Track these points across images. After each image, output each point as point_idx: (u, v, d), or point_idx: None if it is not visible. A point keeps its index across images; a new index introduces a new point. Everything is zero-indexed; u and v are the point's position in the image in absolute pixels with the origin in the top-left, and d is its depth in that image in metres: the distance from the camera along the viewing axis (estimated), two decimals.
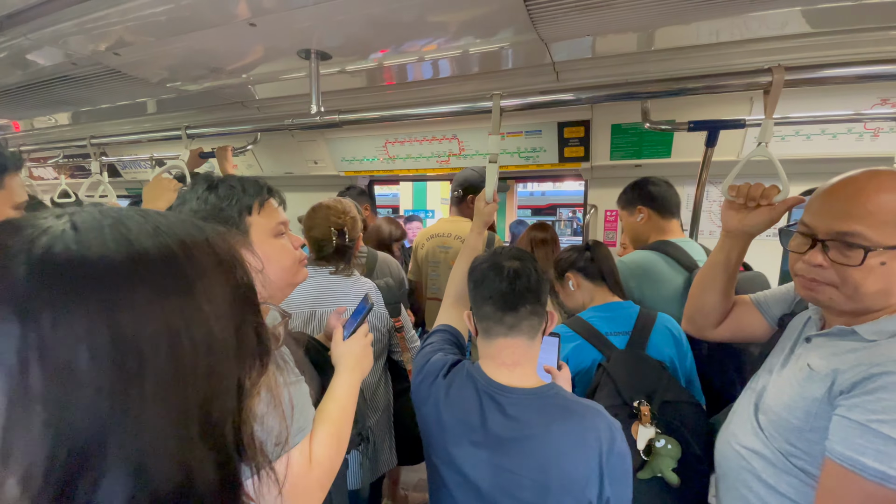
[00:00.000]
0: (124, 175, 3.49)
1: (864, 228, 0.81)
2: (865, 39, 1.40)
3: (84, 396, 0.30)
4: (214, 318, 0.37)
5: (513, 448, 0.94)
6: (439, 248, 2.31)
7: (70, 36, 1.43)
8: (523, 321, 0.99)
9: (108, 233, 0.34)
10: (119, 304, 0.32)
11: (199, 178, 0.94)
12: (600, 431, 0.94)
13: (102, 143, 2.29)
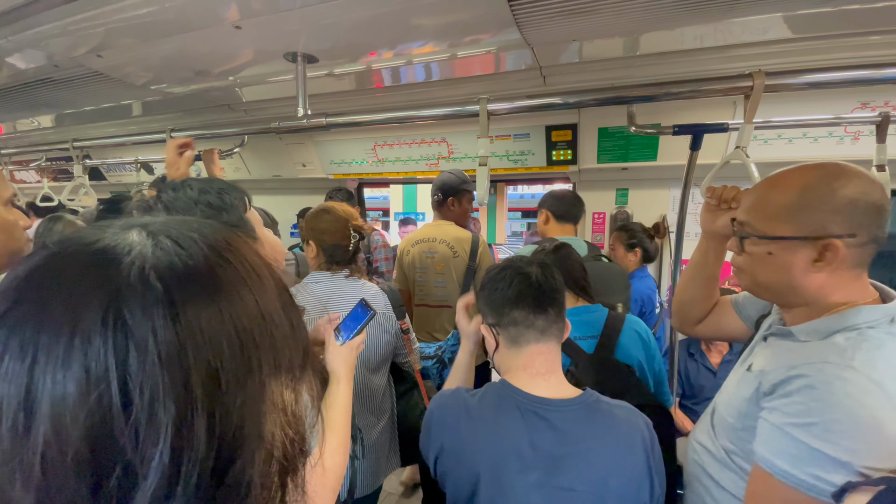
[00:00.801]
0: (108, 178, 3.44)
1: (751, 219, 0.87)
2: (845, 45, 1.43)
3: (228, 387, 0.33)
4: (280, 308, 0.40)
5: (567, 464, 0.89)
6: (425, 253, 2.29)
7: (52, 38, 1.41)
8: (553, 324, 0.97)
9: (202, 244, 0.37)
10: (232, 303, 0.35)
11: (178, 186, 0.93)
12: (643, 431, 0.94)
13: (85, 145, 2.26)
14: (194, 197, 0.91)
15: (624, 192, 2.38)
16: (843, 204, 0.78)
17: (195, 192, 0.92)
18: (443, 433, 0.98)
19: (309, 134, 2.56)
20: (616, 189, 2.39)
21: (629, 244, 2.25)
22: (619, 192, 2.39)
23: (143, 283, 0.33)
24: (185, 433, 0.31)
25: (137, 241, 0.35)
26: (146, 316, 0.31)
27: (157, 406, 0.30)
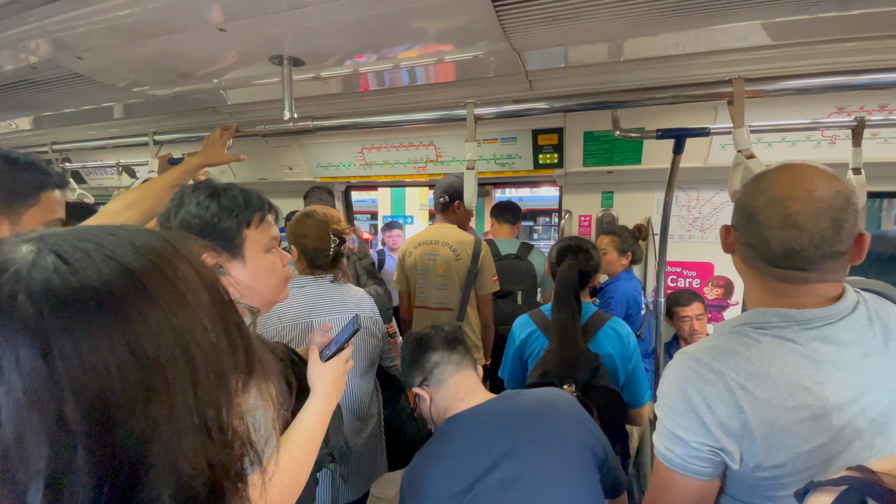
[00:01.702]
0: (89, 182, 3.38)
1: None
2: (822, 51, 1.47)
3: (120, 417, 0.31)
4: (208, 320, 0.38)
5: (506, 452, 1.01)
6: (427, 255, 2.27)
7: (30, 39, 1.38)
8: (465, 357, 1.21)
9: (97, 258, 0.34)
10: (130, 323, 0.33)
11: (201, 185, 0.94)
12: (567, 401, 1.14)
13: (65, 148, 2.21)
14: (201, 198, 0.91)
15: (609, 194, 2.40)
16: (740, 195, 0.86)
17: (204, 195, 0.91)
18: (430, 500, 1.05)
19: (295, 137, 2.54)
20: (602, 192, 2.41)
21: (622, 249, 2.28)
22: (604, 194, 2.41)
23: (10, 307, 0.29)
24: (65, 475, 0.28)
25: (20, 258, 0.32)
26: (10, 345, 0.28)
27: (28, 447, 0.28)
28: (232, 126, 1.65)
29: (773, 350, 0.79)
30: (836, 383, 0.77)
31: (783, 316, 0.81)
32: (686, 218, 2.29)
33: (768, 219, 0.80)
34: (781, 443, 0.77)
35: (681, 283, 2.36)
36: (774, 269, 0.81)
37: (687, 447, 0.80)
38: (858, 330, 0.80)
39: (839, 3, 1.17)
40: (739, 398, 0.77)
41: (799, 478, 0.78)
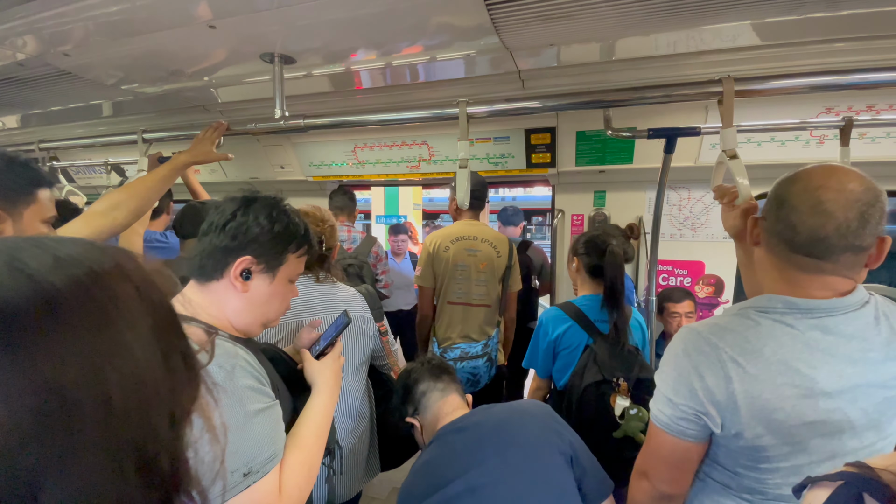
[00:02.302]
0: (78, 181, 3.33)
1: None
2: (811, 52, 1.48)
3: (10, 450, 0.28)
4: (139, 348, 0.35)
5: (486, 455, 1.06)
6: (467, 251, 2.25)
7: (17, 36, 1.36)
8: (449, 384, 1.32)
9: (5, 272, 0.31)
10: (33, 349, 0.29)
11: (274, 199, 1.01)
12: (545, 415, 1.17)
13: (53, 147, 2.18)
14: (266, 210, 0.97)
15: (601, 194, 2.41)
16: (771, 192, 0.91)
17: (271, 205, 0.99)
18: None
19: (287, 135, 2.53)
20: (594, 191, 2.42)
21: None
22: (596, 194, 2.42)
23: None
24: None
25: None
26: None
27: None
28: (222, 124, 1.64)
29: (770, 332, 0.84)
30: (828, 371, 0.81)
31: (787, 303, 0.85)
32: (677, 217, 2.30)
33: (799, 204, 0.83)
34: (764, 415, 0.82)
35: (672, 281, 2.37)
36: (796, 256, 0.85)
37: (675, 409, 0.89)
38: (863, 326, 0.84)
39: (828, 3, 1.19)
40: (730, 370, 0.84)
41: (781, 451, 0.84)
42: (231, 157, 1.67)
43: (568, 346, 1.64)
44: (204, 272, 0.94)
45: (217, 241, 0.93)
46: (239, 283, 0.93)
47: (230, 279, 0.93)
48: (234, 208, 0.95)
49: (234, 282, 0.92)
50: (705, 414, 0.86)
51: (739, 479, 0.91)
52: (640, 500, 1.00)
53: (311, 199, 3.04)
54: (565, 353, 1.65)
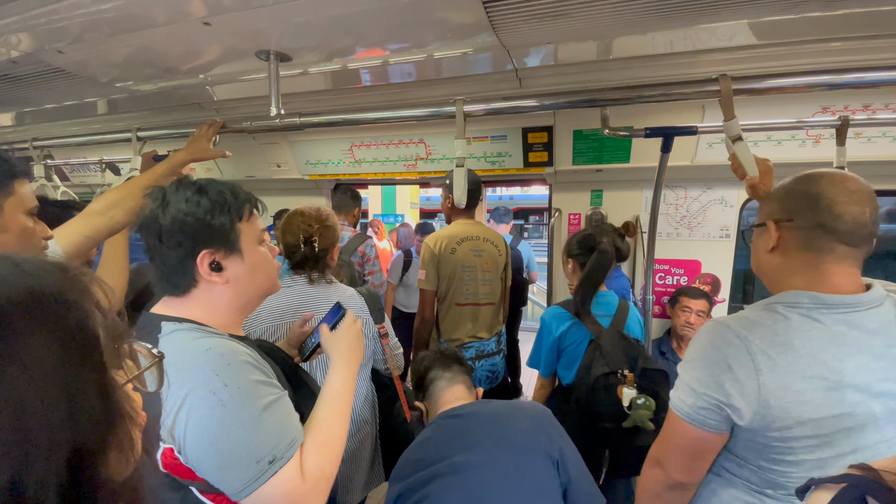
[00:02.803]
0: (72, 179, 3.31)
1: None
2: (807, 51, 1.48)
3: None
4: (27, 380, 0.34)
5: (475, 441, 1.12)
6: (473, 252, 2.25)
7: (10, 33, 1.35)
8: (458, 375, 1.38)
9: None
10: None
11: (183, 182, 0.92)
12: (539, 415, 1.20)
13: (46, 145, 2.17)
14: (188, 194, 0.89)
15: (598, 193, 2.41)
16: (780, 194, 0.96)
17: (192, 190, 0.90)
18: (398, 482, 1.13)
19: (283, 134, 2.52)
20: (591, 190, 2.42)
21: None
22: (593, 193, 2.42)
23: None
24: None
25: None
26: None
27: None
28: (217, 122, 1.63)
29: (800, 326, 0.86)
30: (855, 364, 0.83)
31: (813, 298, 0.88)
32: (674, 216, 2.30)
33: (838, 195, 0.88)
34: (794, 407, 0.83)
35: (669, 280, 2.37)
36: (840, 247, 0.88)
37: (698, 399, 0.90)
38: (885, 322, 0.87)
39: (824, 3, 1.19)
40: (759, 362, 0.85)
41: (807, 444, 0.85)
42: (229, 154, 1.66)
43: (572, 342, 1.70)
44: (178, 288, 0.90)
45: (166, 256, 0.88)
46: (216, 277, 0.89)
47: (206, 280, 0.89)
48: (154, 218, 0.88)
49: (210, 280, 0.89)
50: (729, 406, 0.87)
51: (762, 474, 0.91)
52: (652, 487, 1.02)
53: (308, 197, 3.03)
54: (570, 349, 1.70)
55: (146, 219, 0.89)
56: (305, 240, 1.54)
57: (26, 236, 1.00)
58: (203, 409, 0.76)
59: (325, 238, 1.57)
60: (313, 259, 1.56)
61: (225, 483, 0.77)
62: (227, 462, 0.76)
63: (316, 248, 1.55)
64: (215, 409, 0.76)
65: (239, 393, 0.78)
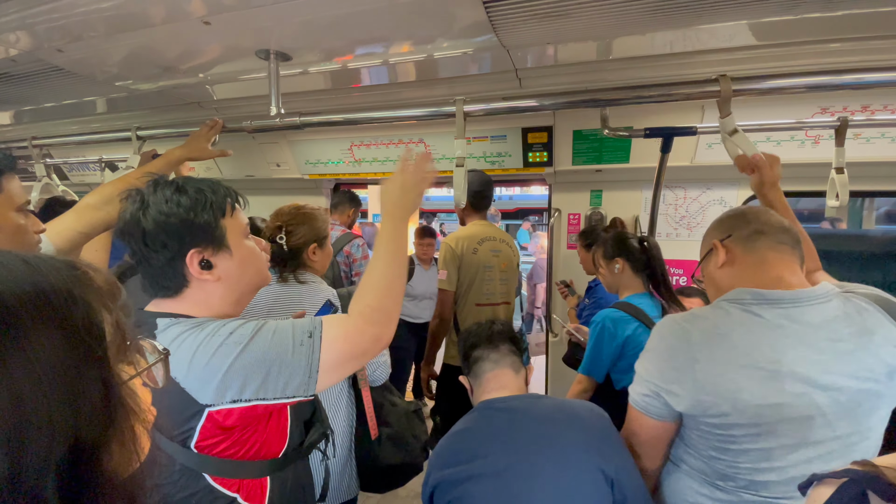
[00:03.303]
0: (71, 178, 3.31)
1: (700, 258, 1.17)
2: (806, 52, 1.49)
3: None
4: (31, 374, 0.34)
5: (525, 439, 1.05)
6: (492, 252, 2.29)
7: (9, 32, 1.34)
8: (505, 357, 1.24)
9: None
10: None
11: (159, 182, 0.90)
12: (596, 419, 1.10)
13: (46, 143, 2.16)
14: (168, 194, 0.87)
15: (598, 193, 2.41)
16: (715, 225, 1.11)
17: (171, 190, 0.88)
18: (438, 469, 1.08)
19: (283, 133, 2.51)
20: (591, 191, 2.42)
21: (586, 245, 2.30)
22: (593, 193, 2.42)
23: None
24: None
25: None
26: None
27: None
28: (218, 122, 1.63)
29: (740, 319, 0.93)
30: (794, 355, 0.88)
31: (755, 294, 0.94)
32: (673, 216, 2.31)
33: (759, 212, 1.05)
34: (730, 394, 0.89)
35: (678, 280, 2.38)
36: (777, 245, 0.99)
37: (643, 386, 1.00)
38: (829, 318, 0.91)
39: (823, 4, 1.19)
40: (697, 352, 0.93)
41: (748, 432, 0.89)
42: (230, 153, 1.66)
43: (637, 346, 1.60)
44: (169, 289, 0.89)
45: (155, 259, 0.86)
46: (207, 275, 0.89)
47: (197, 279, 0.89)
48: (136, 222, 0.87)
49: (202, 278, 0.89)
50: (667, 392, 0.95)
51: (712, 464, 0.95)
52: None
53: (308, 197, 3.03)
54: (633, 353, 1.61)
55: (127, 224, 0.87)
56: (271, 237, 1.51)
57: (19, 234, 0.98)
58: (229, 344, 0.81)
59: (295, 235, 1.53)
60: (284, 256, 1.52)
61: (292, 380, 0.82)
62: (279, 364, 0.81)
63: (284, 245, 1.51)
64: (239, 341, 0.81)
65: (251, 327, 0.84)
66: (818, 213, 3.81)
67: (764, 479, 0.90)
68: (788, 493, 0.89)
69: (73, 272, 0.40)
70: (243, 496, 0.86)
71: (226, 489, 0.85)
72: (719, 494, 0.95)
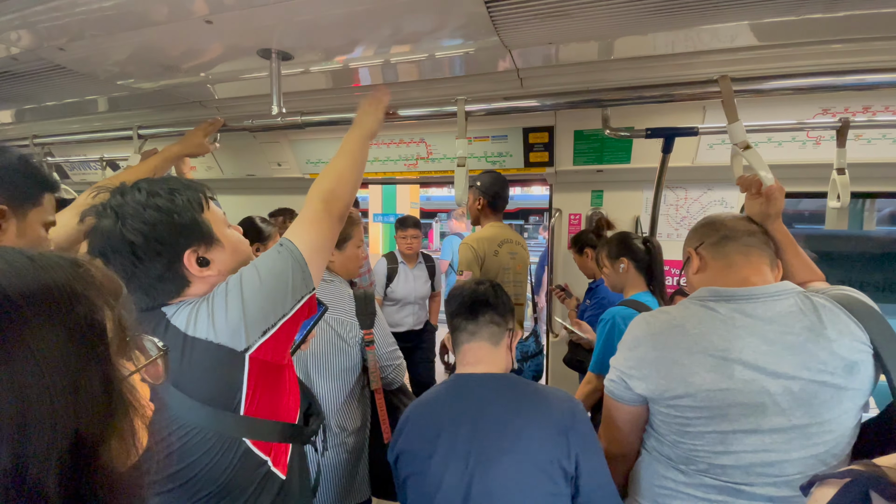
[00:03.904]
0: (72, 177, 3.31)
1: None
2: (808, 52, 1.49)
3: None
4: (35, 368, 0.35)
5: (484, 424, 1.07)
6: (510, 254, 2.33)
7: (11, 30, 1.35)
8: (482, 328, 1.19)
9: None
10: None
11: (126, 191, 0.89)
12: (565, 411, 1.08)
13: (47, 142, 2.17)
14: (142, 200, 0.87)
15: (599, 193, 2.41)
16: (689, 235, 1.19)
17: (143, 196, 0.88)
18: (405, 437, 1.12)
19: (284, 132, 2.51)
20: (591, 191, 2.42)
21: (578, 250, 2.34)
22: (594, 193, 2.42)
23: None
24: None
25: None
26: None
27: None
28: (218, 120, 1.63)
29: (695, 312, 1.03)
30: (742, 344, 0.95)
31: (712, 291, 1.04)
32: (674, 217, 2.31)
33: (725, 219, 1.14)
34: (682, 378, 0.98)
35: (668, 281, 2.38)
36: (744, 248, 1.07)
37: (612, 373, 1.11)
38: (783, 313, 0.97)
39: (825, 4, 1.19)
40: (656, 339, 1.04)
41: (700, 414, 0.97)
42: (217, 146, 1.66)
43: None
44: (172, 292, 0.90)
45: (153, 270, 0.86)
46: (206, 271, 0.90)
47: (198, 277, 0.90)
48: (119, 237, 0.84)
49: (202, 275, 0.90)
50: (628, 376, 1.06)
51: (676, 449, 1.03)
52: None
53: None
54: None
55: (109, 241, 0.84)
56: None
57: (37, 246, 1.03)
58: (231, 290, 0.86)
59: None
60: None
61: (293, 280, 0.90)
62: (274, 275, 0.89)
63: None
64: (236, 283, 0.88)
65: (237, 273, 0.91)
66: (819, 214, 3.81)
67: (721, 463, 0.97)
68: (747, 479, 0.95)
69: (77, 269, 0.41)
70: (273, 461, 0.92)
71: (262, 452, 0.89)
72: (682, 478, 1.02)
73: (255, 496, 0.89)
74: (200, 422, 0.84)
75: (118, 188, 0.90)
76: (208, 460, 0.85)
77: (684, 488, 1.02)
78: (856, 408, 0.95)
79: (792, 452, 0.93)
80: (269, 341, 0.86)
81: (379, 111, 1.33)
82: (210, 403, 0.83)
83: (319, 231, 0.99)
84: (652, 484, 1.08)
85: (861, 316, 0.95)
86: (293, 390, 1.00)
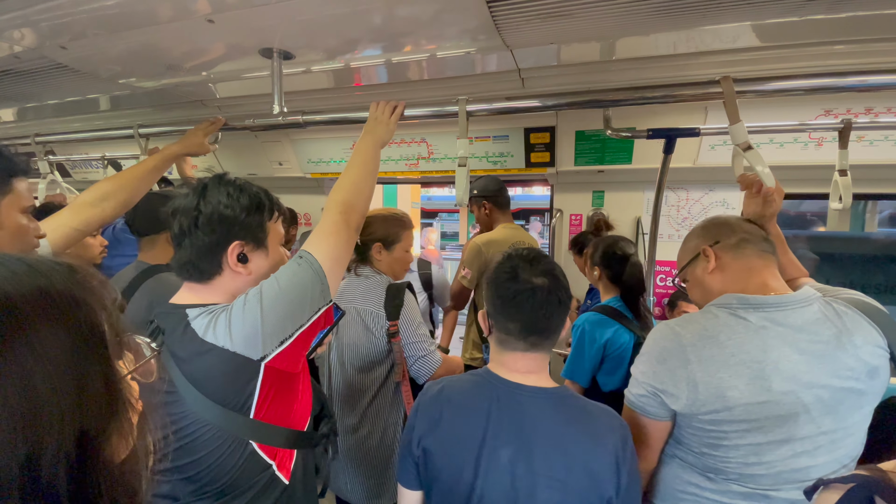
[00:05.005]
0: (74, 175, 3.32)
1: (678, 267, 1.22)
2: (810, 53, 1.48)
3: None
4: (41, 369, 0.37)
5: (534, 446, 0.93)
6: None
7: (14, 28, 1.35)
8: (544, 341, 0.98)
9: None
10: None
11: (223, 178, 0.99)
12: (615, 430, 0.95)
13: (49, 140, 2.17)
14: (230, 188, 0.97)
15: (600, 194, 2.41)
16: (698, 232, 1.16)
17: (232, 185, 0.98)
18: (422, 427, 1.00)
19: (285, 132, 2.52)
20: (593, 191, 2.42)
21: (578, 251, 2.32)
22: (595, 194, 2.42)
23: None
24: None
25: None
26: None
27: None
28: (220, 119, 1.63)
29: (726, 322, 0.99)
30: (777, 355, 0.93)
31: (741, 300, 1.00)
32: (675, 218, 2.30)
33: (736, 221, 1.13)
34: (720, 392, 0.93)
35: (670, 282, 2.37)
36: (762, 253, 1.06)
37: (639, 387, 1.04)
38: (811, 320, 0.96)
39: (828, 6, 1.18)
40: (689, 353, 0.98)
41: (737, 428, 0.94)
42: (215, 146, 1.66)
43: (617, 348, 1.66)
44: (203, 274, 0.95)
45: (199, 241, 0.93)
46: (241, 268, 0.95)
47: (230, 269, 0.95)
48: (194, 203, 0.95)
49: (235, 269, 0.95)
50: (663, 392, 1.00)
51: (704, 460, 1.00)
52: None
53: (309, 196, 3.03)
54: (614, 354, 1.66)
55: (184, 206, 0.95)
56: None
57: (20, 234, 1.00)
58: (251, 301, 0.89)
59: (366, 231, 1.64)
60: (357, 250, 1.62)
61: (312, 290, 0.92)
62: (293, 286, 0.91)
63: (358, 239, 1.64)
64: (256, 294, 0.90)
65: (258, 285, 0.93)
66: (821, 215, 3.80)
67: (752, 473, 0.95)
68: (776, 485, 0.94)
69: (74, 275, 0.43)
70: (277, 464, 0.94)
71: (267, 456, 0.92)
72: (708, 485, 1.00)
73: (257, 498, 0.91)
74: (212, 419, 0.87)
75: (219, 176, 1.01)
76: (215, 458, 0.88)
77: (710, 494, 1.00)
78: (871, 410, 0.97)
79: (818, 457, 0.93)
80: (286, 351, 0.89)
81: (392, 121, 1.36)
82: (222, 404, 0.87)
83: (338, 242, 1.02)
84: (674, 489, 1.06)
85: (877, 320, 0.97)
86: (305, 396, 1.02)
